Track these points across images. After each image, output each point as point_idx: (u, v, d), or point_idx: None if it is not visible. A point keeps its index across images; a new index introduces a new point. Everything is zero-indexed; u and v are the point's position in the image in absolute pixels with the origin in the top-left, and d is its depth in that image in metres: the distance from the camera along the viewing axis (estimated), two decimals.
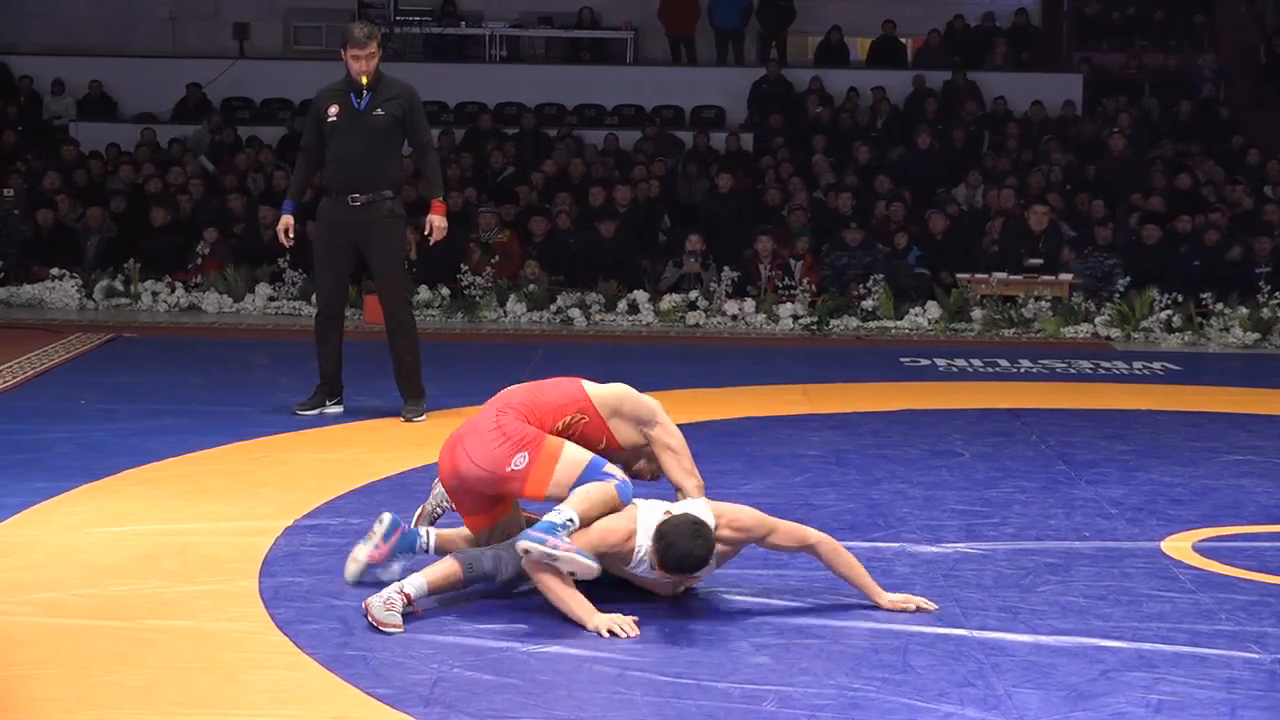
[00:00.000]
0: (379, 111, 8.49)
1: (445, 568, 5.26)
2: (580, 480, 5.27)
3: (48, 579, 5.53)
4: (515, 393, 5.52)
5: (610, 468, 5.37)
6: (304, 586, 5.49)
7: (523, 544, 5.12)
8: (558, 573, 5.14)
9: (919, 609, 5.30)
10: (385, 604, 5.06)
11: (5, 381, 9.63)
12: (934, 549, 6.10)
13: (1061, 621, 5.23)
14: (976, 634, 5.09)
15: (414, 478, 7.17)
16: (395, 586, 5.15)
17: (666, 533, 5.12)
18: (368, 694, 4.51)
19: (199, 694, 4.49)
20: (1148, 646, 4.99)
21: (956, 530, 6.42)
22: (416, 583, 5.18)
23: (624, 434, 5.51)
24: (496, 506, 5.46)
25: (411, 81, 8.90)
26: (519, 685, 4.59)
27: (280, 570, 5.68)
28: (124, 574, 5.60)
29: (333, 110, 8.52)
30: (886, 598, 5.35)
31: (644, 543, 5.22)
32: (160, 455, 7.54)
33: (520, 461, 5.28)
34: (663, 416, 5.58)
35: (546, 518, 5.19)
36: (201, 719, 4.34)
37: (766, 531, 5.36)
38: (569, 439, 5.38)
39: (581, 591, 5.18)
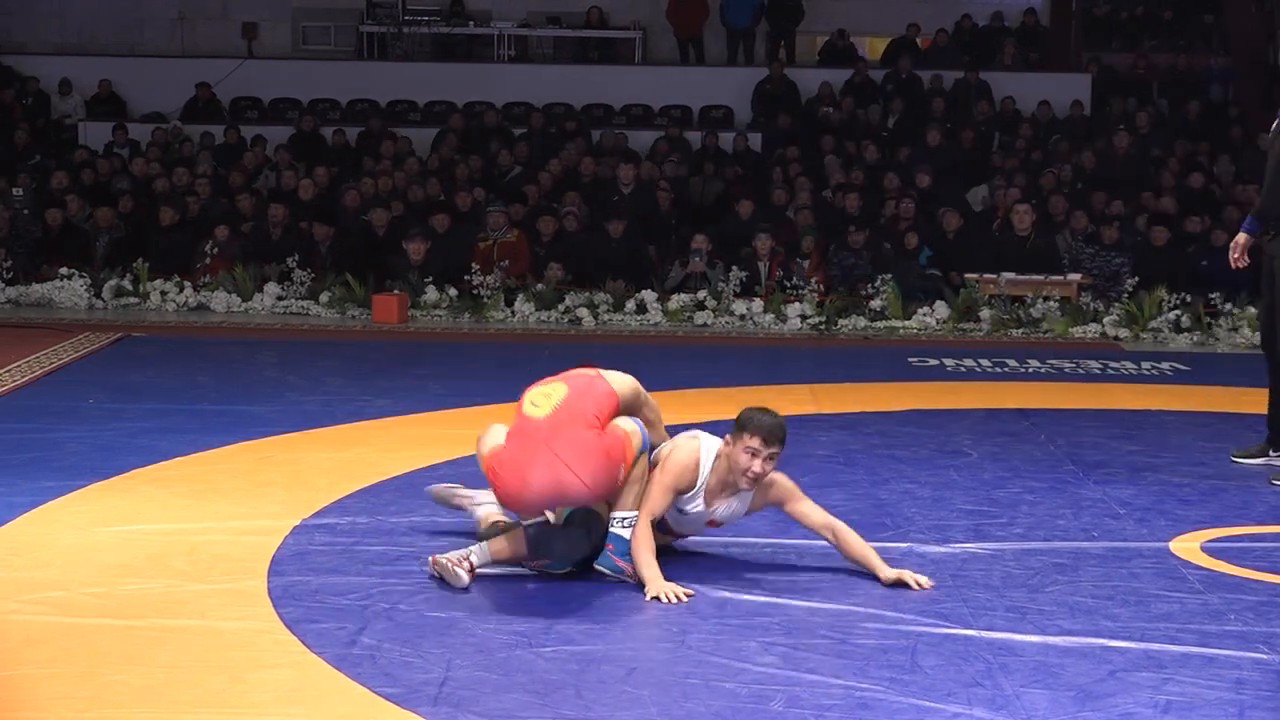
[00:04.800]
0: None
1: (511, 542, 5.54)
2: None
3: (57, 578, 5.54)
4: (576, 404, 5.56)
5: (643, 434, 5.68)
6: (312, 585, 5.50)
7: (599, 568, 5.57)
8: (645, 535, 5.53)
9: (918, 585, 5.54)
10: (454, 563, 5.44)
11: (14, 381, 9.65)
12: (942, 549, 6.10)
13: (1070, 622, 5.23)
14: (984, 634, 5.09)
15: (422, 477, 7.18)
16: (462, 553, 5.45)
17: (744, 414, 5.61)
18: (375, 693, 4.51)
19: (208, 693, 4.49)
20: (1156, 647, 4.98)
21: (964, 530, 6.42)
22: (481, 552, 5.50)
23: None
24: None
25: (419, 81, 8.68)
26: (526, 684, 4.59)
27: (288, 569, 5.69)
28: (133, 573, 5.61)
29: (1273, 129, 7.77)
30: (886, 572, 5.61)
31: (706, 465, 5.64)
32: (169, 454, 7.55)
33: (622, 473, 5.52)
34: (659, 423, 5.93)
35: (615, 532, 5.57)
36: (210, 718, 4.34)
37: (797, 499, 5.75)
38: None
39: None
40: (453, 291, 13.48)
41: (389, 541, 6.08)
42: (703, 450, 5.68)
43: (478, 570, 5.49)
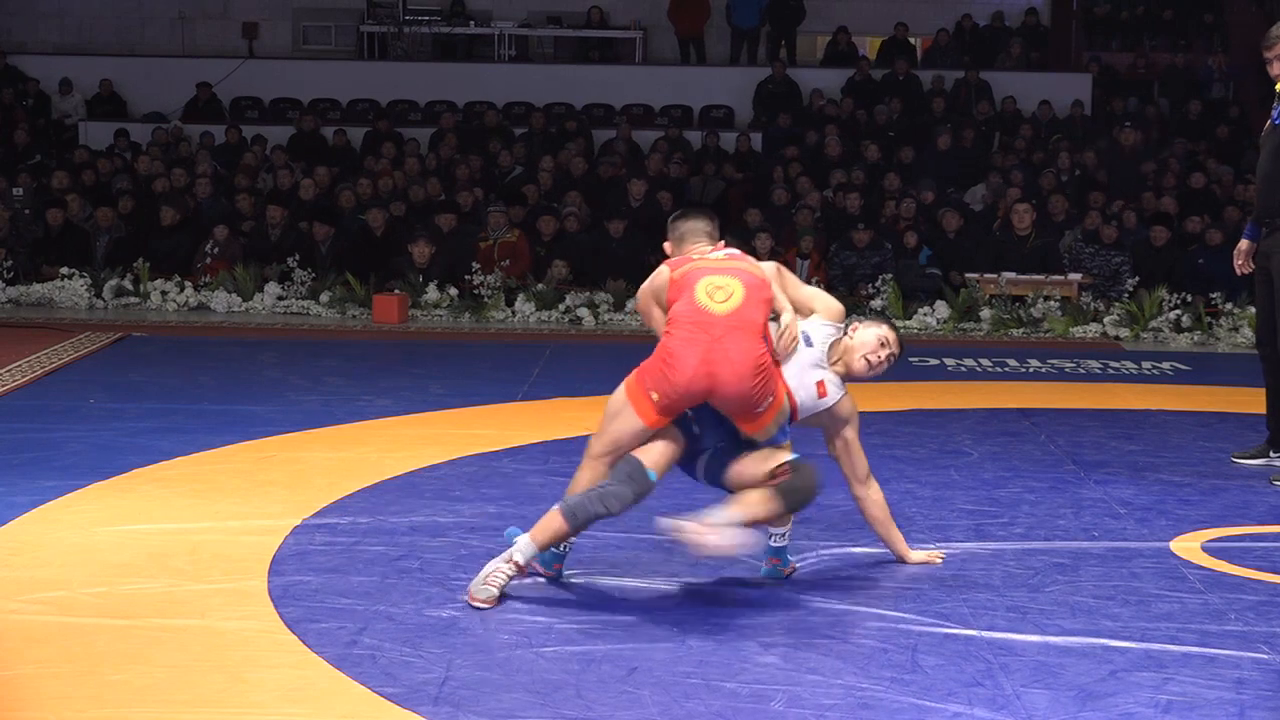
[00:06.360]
0: None
1: (550, 523, 5.33)
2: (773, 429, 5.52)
3: (57, 577, 5.54)
4: (750, 311, 5.42)
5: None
6: (312, 585, 5.50)
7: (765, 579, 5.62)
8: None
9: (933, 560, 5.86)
10: (485, 580, 5.25)
11: (15, 380, 9.65)
12: (942, 549, 6.10)
13: (1070, 621, 5.23)
14: (985, 634, 5.09)
15: (422, 477, 7.18)
16: (505, 556, 5.28)
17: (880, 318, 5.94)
18: (376, 693, 4.51)
19: (208, 693, 4.49)
20: (1156, 647, 4.98)
21: (965, 530, 6.42)
22: (524, 548, 5.30)
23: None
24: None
25: (420, 81, 8.60)
26: (527, 684, 4.59)
27: (289, 569, 5.69)
28: (133, 572, 5.61)
29: (1267, 124, 7.62)
30: (911, 554, 5.89)
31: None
32: (170, 454, 7.55)
33: (763, 405, 5.41)
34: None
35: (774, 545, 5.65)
36: (210, 718, 4.34)
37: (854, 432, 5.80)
38: None
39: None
40: (453, 291, 13.48)
41: (389, 541, 6.08)
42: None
43: (528, 565, 5.35)
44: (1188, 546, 6.20)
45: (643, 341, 12.30)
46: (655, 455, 5.40)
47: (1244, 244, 7.88)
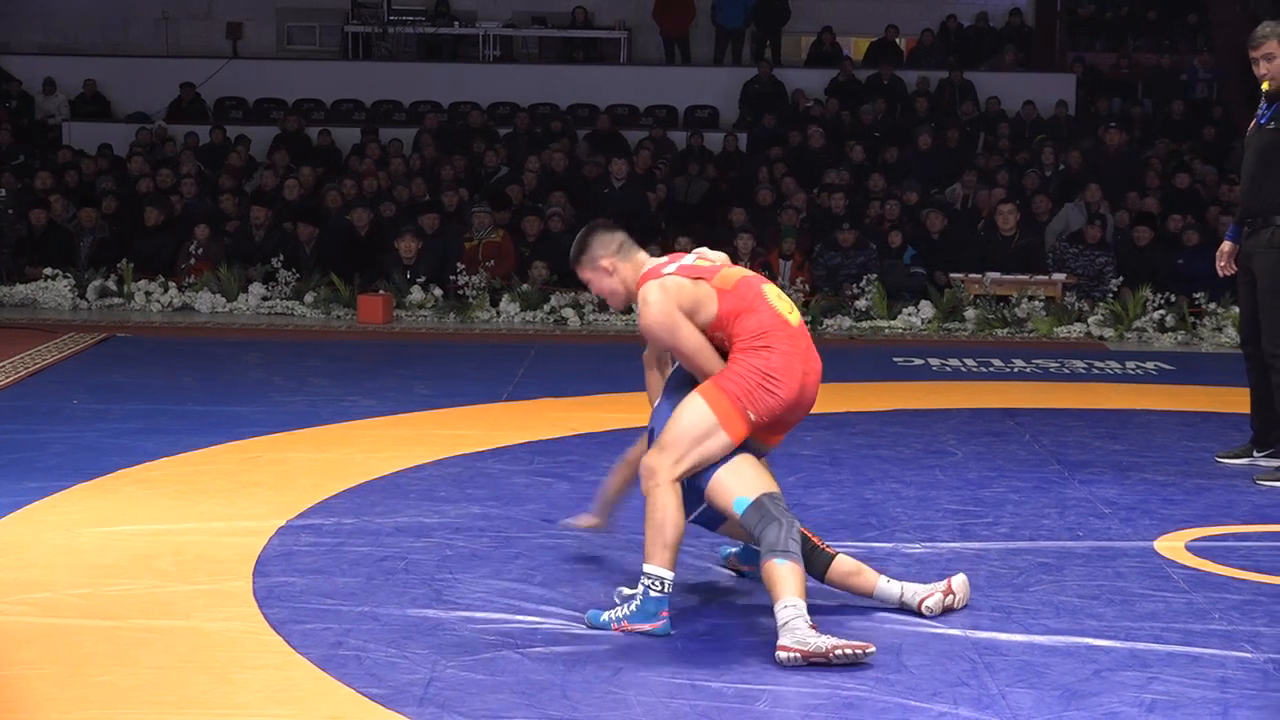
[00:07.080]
0: (1273, 125, 7.47)
1: (796, 575, 4.89)
2: None
3: (42, 579, 5.53)
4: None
5: None
6: (297, 586, 5.49)
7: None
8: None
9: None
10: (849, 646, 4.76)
11: None
12: (927, 548, 6.11)
13: (1055, 621, 5.24)
14: (970, 633, 5.09)
15: (407, 477, 7.18)
16: (789, 629, 4.76)
17: None
18: (361, 694, 4.51)
19: (193, 694, 4.49)
20: (1141, 646, 4.99)
21: (950, 530, 6.43)
22: (797, 606, 4.80)
23: None
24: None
25: (404, 81, 8.56)
26: (513, 685, 4.59)
27: (274, 570, 5.68)
28: (118, 574, 5.60)
29: (1252, 124, 7.63)
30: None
31: None
32: (154, 455, 7.54)
33: None
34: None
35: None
36: (196, 719, 4.34)
37: None
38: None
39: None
40: (438, 291, 13.47)
41: (374, 542, 6.07)
42: None
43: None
44: (1172, 546, 6.21)
45: (630, 341, 12.33)
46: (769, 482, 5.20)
47: (1226, 245, 7.88)
